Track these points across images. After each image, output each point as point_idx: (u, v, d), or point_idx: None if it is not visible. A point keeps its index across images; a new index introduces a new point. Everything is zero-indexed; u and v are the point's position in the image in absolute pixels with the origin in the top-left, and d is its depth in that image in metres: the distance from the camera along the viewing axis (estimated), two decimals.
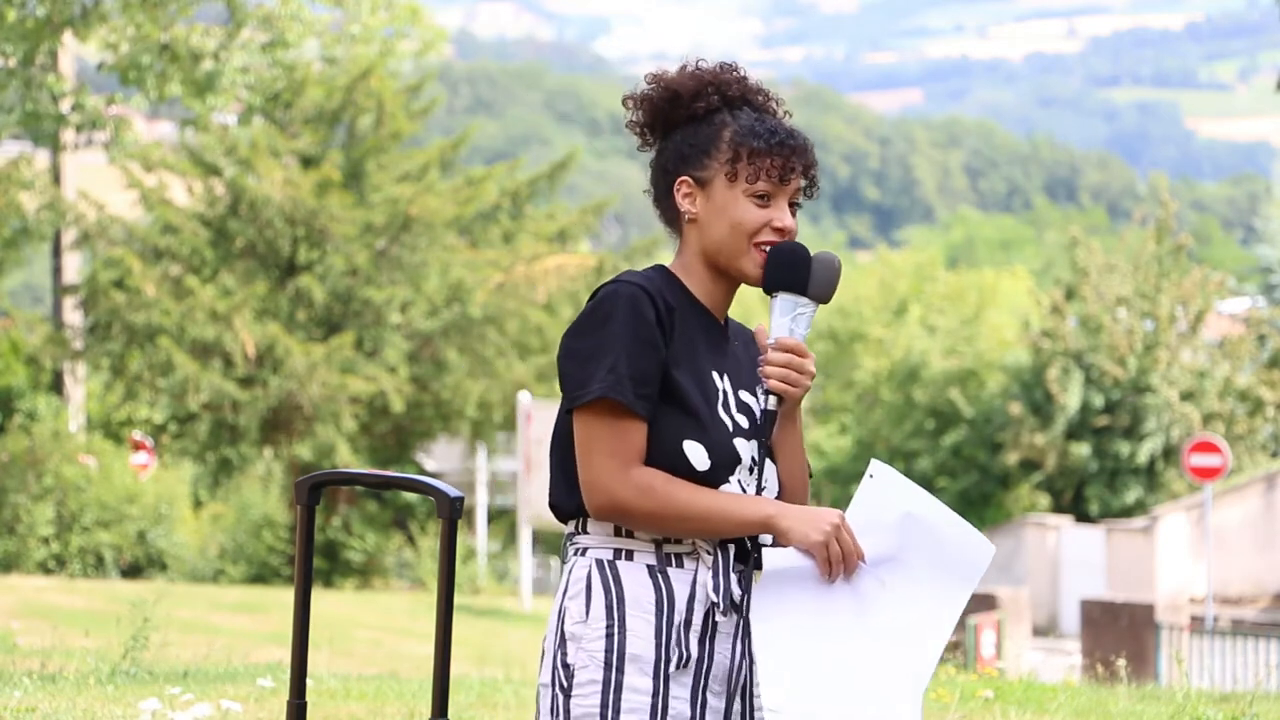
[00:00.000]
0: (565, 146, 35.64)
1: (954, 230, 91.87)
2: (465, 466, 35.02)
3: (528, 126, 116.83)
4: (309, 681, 4.72)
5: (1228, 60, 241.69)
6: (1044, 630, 27.94)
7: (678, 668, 3.30)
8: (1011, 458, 34.29)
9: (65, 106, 27.16)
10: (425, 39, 32.41)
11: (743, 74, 3.48)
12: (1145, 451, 33.10)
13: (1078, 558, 29.73)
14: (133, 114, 28.31)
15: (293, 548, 27.79)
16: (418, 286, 29.03)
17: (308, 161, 29.62)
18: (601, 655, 3.29)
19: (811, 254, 3.39)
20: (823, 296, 3.39)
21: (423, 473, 31.11)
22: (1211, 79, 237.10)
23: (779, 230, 3.39)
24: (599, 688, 3.28)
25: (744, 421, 3.40)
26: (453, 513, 3.44)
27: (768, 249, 3.38)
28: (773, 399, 3.39)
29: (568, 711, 3.30)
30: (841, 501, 37.33)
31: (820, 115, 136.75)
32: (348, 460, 27.49)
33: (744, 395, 3.43)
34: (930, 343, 39.53)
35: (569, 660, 3.32)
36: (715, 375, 3.40)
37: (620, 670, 3.28)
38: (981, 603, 23.11)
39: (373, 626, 21.08)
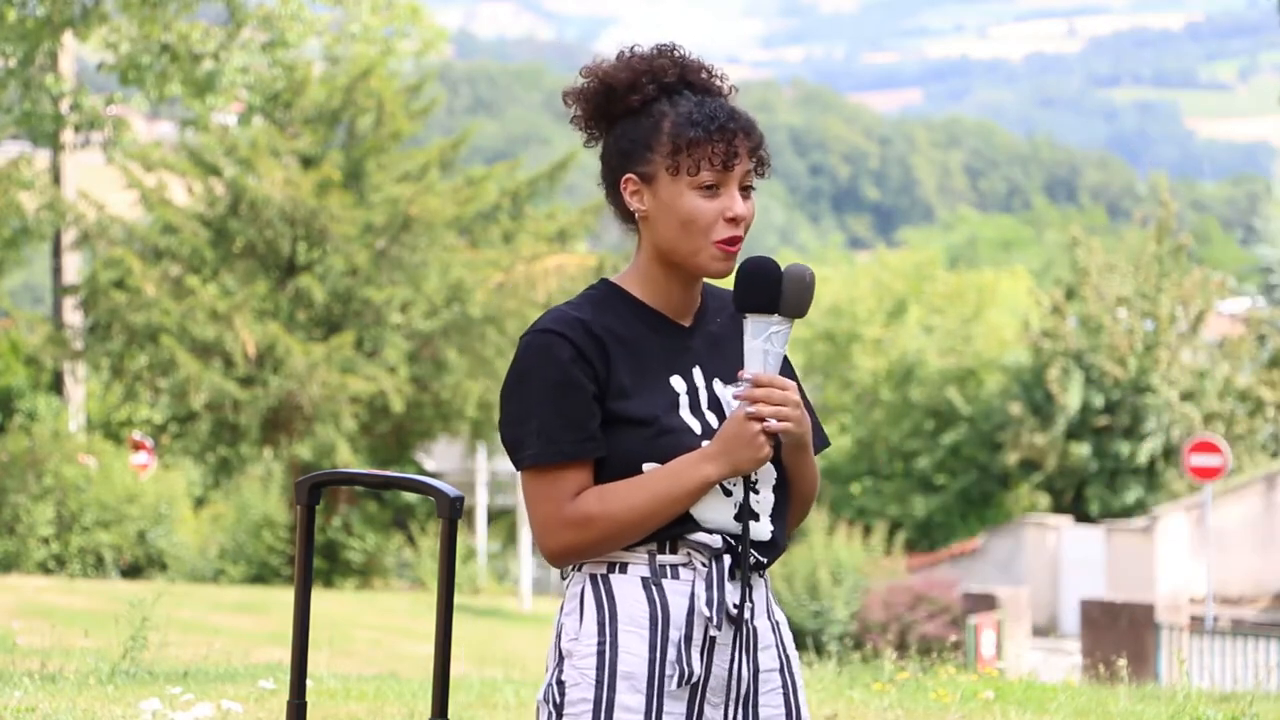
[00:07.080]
0: (565, 146, 35.59)
1: (954, 230, 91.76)
2: (465, 466, 35.04)
3: (528, 126, 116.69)
4: (309, 681, 4.72)
5: (1228, 60, 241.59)
6: (1044, 630, 27.92)
7: (680, 685, 3.20)
8: (1011, 458, 34.29)
9: (65, 106, 27.17)
10: (425, 39, 32.39)
11: (680, 55, 3.30)
12: (1145, 451, 33.10)
13: (1078, 558, 29.72)
14: (133, 114, 28.33)
15: (293, 548, 27.78)
16: (418, 286, 29.01)
17: (308, 161, 29.60)
18: (593, 673, 3.21)
19: (782, 269, 3.23)
20: (796, 312, 3.24)
21: (423, 473, 31.10)
22: (1211, 79, 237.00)
23: (732, 220, 3.24)
24: (590, 706, 3.20)
25: (714, 421, 3.28)
26: (453, 513, 3.42)
27: (729, 241, 3.24)
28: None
29: None
30: (841, 502, 37.33)
31: (820, 115, 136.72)
32: (348, 460, 27.47)
33: (718, 388, 3.30)
34: (928, 342, 39.51)
35: (563, 678, 3.24)
36: (675, 378, 3.27)
37: (612, 688, 3.20)
38: (981, 603, 23.11)
39: (373, 626, 21.09)
